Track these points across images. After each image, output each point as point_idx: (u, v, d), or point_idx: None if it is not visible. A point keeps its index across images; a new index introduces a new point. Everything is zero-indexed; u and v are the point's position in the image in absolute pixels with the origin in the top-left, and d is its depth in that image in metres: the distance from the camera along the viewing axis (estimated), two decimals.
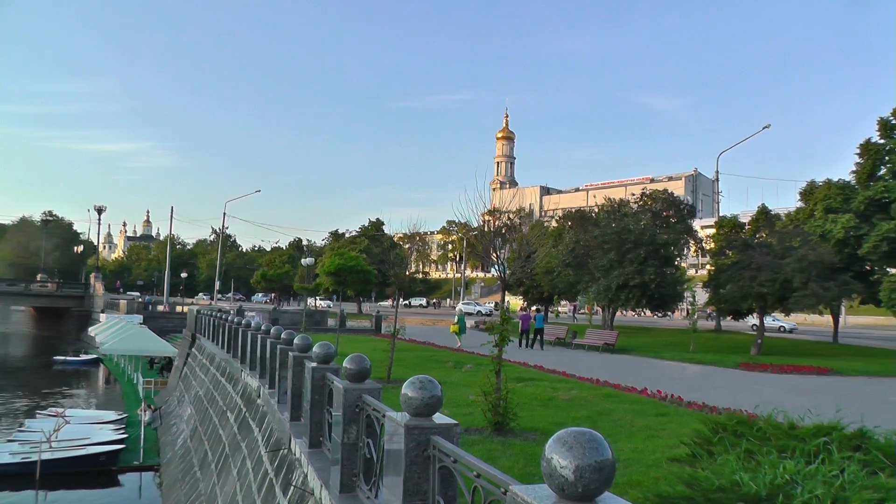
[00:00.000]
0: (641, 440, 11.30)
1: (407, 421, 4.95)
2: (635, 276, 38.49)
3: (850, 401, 17.15)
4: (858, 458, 6.53)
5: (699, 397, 16.80)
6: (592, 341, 36.05)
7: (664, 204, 46.32)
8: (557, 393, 16.77)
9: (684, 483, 5.99)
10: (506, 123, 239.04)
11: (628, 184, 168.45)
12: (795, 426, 7.69)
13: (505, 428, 11.44)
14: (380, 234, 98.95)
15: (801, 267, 32.95)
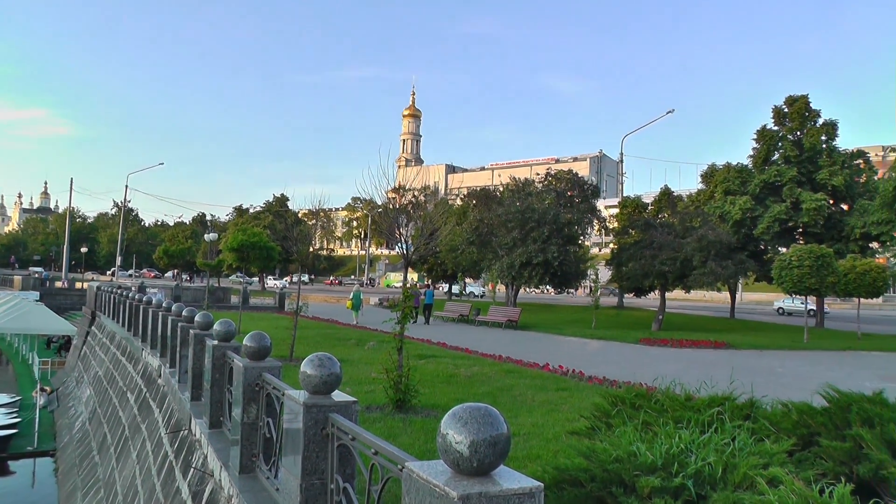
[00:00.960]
0: (542, 414, 11.46)
1: (306, 399, 4.89)
2: (538, 254, 38.97)
3: (743, 373, 17.81)
4: (748, 427, 6.76)
5: (600, 372, 17.17)
6: (496, 318, 36.40)
7: (568, 184, 47.01)
8: (459, 370, 16.88)
9: (582, 455, 6.09)
10: (412, 101, 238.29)
11: (534, 164, 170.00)
12: (691, 398, 7.90)
13: (406, 405, 11.46)
14: (284, 210, 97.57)
15: (701, 246, 34.14)
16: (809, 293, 31.64)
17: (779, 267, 31.56)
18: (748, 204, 43.78)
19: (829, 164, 43.92)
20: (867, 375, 20.22)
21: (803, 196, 42.75)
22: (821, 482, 5.18)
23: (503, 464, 2.85)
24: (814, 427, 6.91)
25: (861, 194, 44.45)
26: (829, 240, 42.44)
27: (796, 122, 45.36)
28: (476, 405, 2.87)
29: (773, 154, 46.45)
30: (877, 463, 6.08)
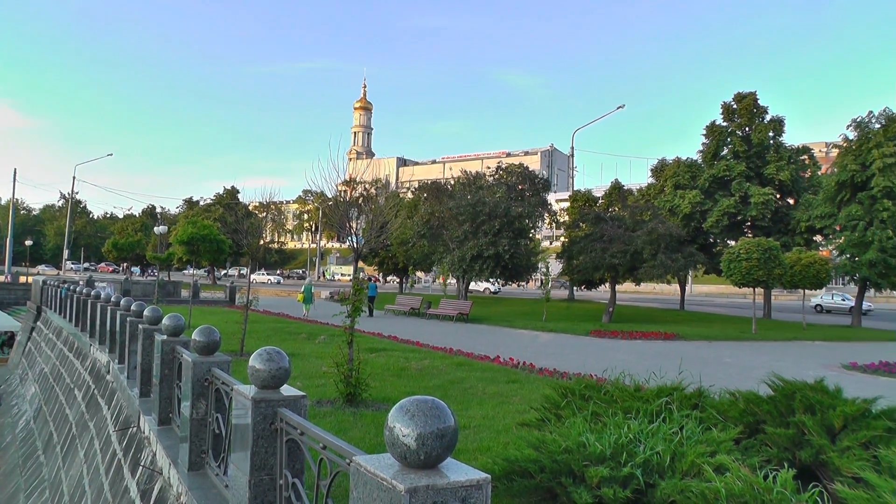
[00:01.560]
0: (492, 407, 11.50)
1: (254, 394, 4.83)
2: (489, 248, 39.04)
3: (692, 363, 18.01)
4: (696, 416, 6.85)
5: (550, 364, 17.31)
6: (446, 311, 36.42)
7: (519, 177, 47.16)
8: (410, 363, 16.87)
9: (532, 446, 6.12)
10: (364, 93, 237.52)
11: (485, 157, 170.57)
12: (641, 388, 7.98)
13: (357, 399, 11.41)
14: (235, 203, 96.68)
15: (651, 239, 34.55)
16: (757, 285, 32.17)
17: (728, 259, 32.08)
18: (698, 198, 44.53)
19: (777, 160, 44.84)
20: (811, 364, 20.71)
21: (752, 190, 43.57)
22: (765, 468, 5.26)
23: (451, 456, 2.84)
24: (760, 415, 7.02)
25: (806, 189, 45.54)
26: (776, 233, 43.39)
27: (745, 118, 46.18)
28: (423, 398, 2.86)
29: (722, 149, 47.27)
30: (817, 448, 6.23)
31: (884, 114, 35.61)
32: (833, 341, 29.49)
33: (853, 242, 35.91)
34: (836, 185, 36.91)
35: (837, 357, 22.93)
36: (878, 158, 33.87)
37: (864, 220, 35.17)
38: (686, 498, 4.95)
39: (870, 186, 34.68)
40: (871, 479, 4.98)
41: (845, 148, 36.73)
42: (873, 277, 36.04)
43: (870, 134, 35.20)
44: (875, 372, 19.58)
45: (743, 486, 4.78)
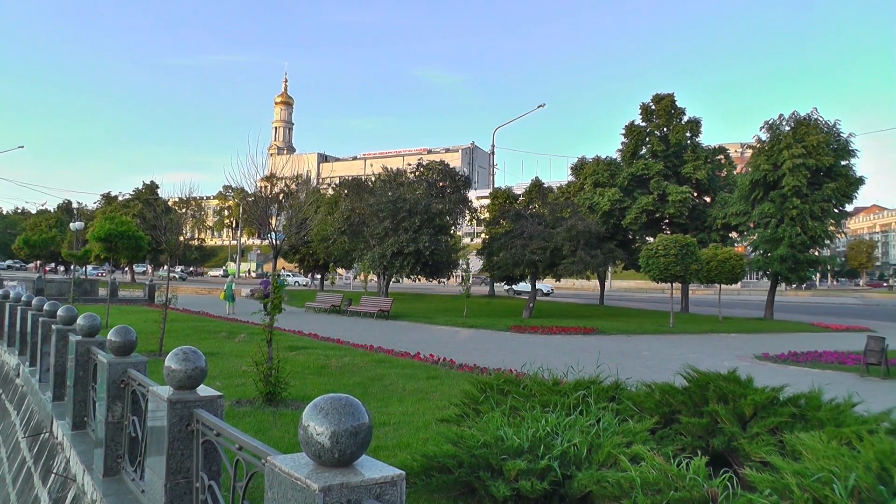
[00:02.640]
0: (412, 403, 11.45)
1: (170, 395, 4.72)
2: (410, 244, 39.03)
3: (611, 357, 18.37)
4: (613, 408, 6.97)
5: (470, 359, 17.34)
6: (367, 308, 36.26)
7: (440, 175, 47.25)
8: (330, 360, 16.69)
9: (450, 442, 6.12)
10: (285, 88, 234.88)
11: (406, 154, 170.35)
12: (559, 382, 8.06)
13: (276, 398, 11.25)
14: (154, 198, 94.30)
15: (571, 236, 34.99)
16: (674, 280, 32.84)
17: (646, 256, 32.69)
18: (617, 195, 45.31)
19: (694, 159, 45.95)
20: (726, 355, 21.27)
21: (669, 189, 44.53)
22: (680, 456, 5.36)
23: (367, 453, 2.82)
24: (675, 405, 7.17)
25: (722, 187, 46.82)
26: (693, 230, 44.52)
27: (663, 118, 47.17)
28: (337, 396, 2.82)
29: (640, 148, 48.20)
30: (729, 435, 6.42)
31: (793, 117, 36.75)
32: (747, 333, 30.35)
33: (766, 239, 37.08)
34: (749, 184, 38.02)
35: (751, 348, 23.59)
36: (789, 159, 35.00)
37: (775, 217, 36.30)
38: (602, 488, 5.01)
39: (781, 186, 35.81)
40: (776, 462, 5.14)
41: (758, 149, 37.80)
42: (784, 272, 37.26)
43: (781, 136, 36.32)
44: (784, 361, 20.30)
45: (657, 474, 4.86)
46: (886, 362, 17.65)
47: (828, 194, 35.78)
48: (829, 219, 37.31)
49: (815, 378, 13.55)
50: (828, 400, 7.21)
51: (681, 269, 31.45)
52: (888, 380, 17.19)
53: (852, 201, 38.62)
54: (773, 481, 4.83)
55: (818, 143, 34.94)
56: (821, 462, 4.98)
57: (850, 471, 4.73)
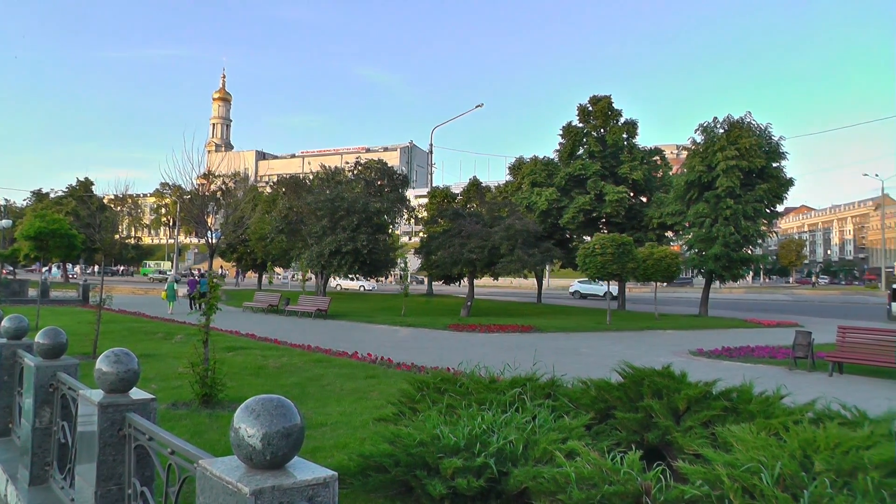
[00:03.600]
0: (350, 403, 11.40)
1: (101, 399, 4.58)
2: (348, 243, 38.79)
3: (548, 354, 18.51)
4: (549, 405, 7.02)
5: (409, 358, 17.31)
6: (305, 308, 35.98)
7: (378, 173, 47.12)
8: (268, 361, 16.54)
9: (387, 441, 6.11)
10: (223, 84, 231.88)
11: (344, 152, 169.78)
12: (496, 380, 8.10)
13: (213, 400, 11.09)
14: (88, 196, 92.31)
15: (508, 235, 35.19)
16: (612, 278, 33.22)
17: (583, 254, 33.00)
18: (554, 195, 45.69)
19: (630, 160, 46.57)
20: (662, 351, 21.58)
21: (606, 189, 45.04)
22: (614, 451, 5.43)
23: (299, 455, 2.79)
24: (610, 401, 7.26)
25: (658, 188, 47.55)
26: (630, 229, 45.14)
27: (600, 119, 47.64)
28: (268, 396, 2.79)
29: (578, 149, 48.67)
30: (663, 429, 6.53)
31: (727, 120, 37.46)
32: (683, 330, 30.85)
33: (700, 238, 37.75)
34: (685, 184, 38.69)
35: (686, 344, 23.99)
36: (722, 161, 35.69)
37: (710, 217, 36.97)
38: (538, 484, 5.04)
39: (715, 186, 36.49)
40: (708, 454, 5.25)
41: (693, 151, 38.46)
42: (718, 270, 37.98)
43: (715, 138, 37.01)
44: (718, 357, 20.73)
45: (592, 468, 4.91)
46: (813, 356, 18.36)
47: (760, 195, 36.61)
48: (760, 219, 38.14)
49: (746, 372, 13.85)
50: (758, 393, 7.41)
51: (617, 267, 31.83)
52: (814, 372, 17.79)
53: (783, 202, 39.64)
54: (704, 473, 4.94)
55: (750, 145, 35.71)
56: (750, 453, 5.12)
57: (776, 460, 4.90)
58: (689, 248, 40.30)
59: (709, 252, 37.31)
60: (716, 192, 36.49)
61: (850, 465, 4.91)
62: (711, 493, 4.75)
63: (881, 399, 11.49)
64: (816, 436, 5.36)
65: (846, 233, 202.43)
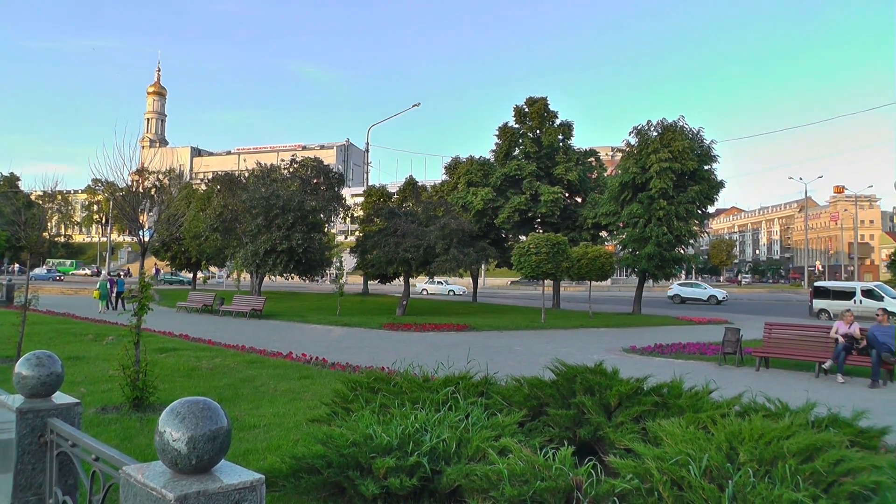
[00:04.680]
0: (283, 404, 11.30)
1: (20, 404, 4.40)
2: (283, 242, 38.37)
3: (483, 353, 18.60)
4: (482, 403, 7.06)
5: (343, 358, 17.25)
6: (240, 307, 35.54)
7: (314, 171, 46.67)
8: (201, 362, 16.28)
9: (320, 442, 6.06)
10: (158, 78, 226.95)
11: (280, 150, 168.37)
12: (429, 379, 8.11)
13: (144, 403, 10.85)
14: (14, 192, 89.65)
15: (444, 234, 35.25)
16: (546, 277, 33.44)
17: (518, 254, 33.20)
18: (490, 195, 45.95)
19: (565, 161, 47.07)
20: (595, 349, 21.85)
21: (542, 189, 45.45)
22: (547, 448, 5.48)
23: (225, 458, 2.74)
24: (543, 398, 7.32)
25: (593, 188, 48.23)
26: (565, 229, 45.64)
27: (536, 121, 48.02)
28: (194, 399, 2.74)
29: (514, 149, 49.04)
30: (595, 425, 6.65)
31: (661, 123, 38.13)
32: (616, 328, 31.27)
33: (634, 238, 38.35)
34: (619, 185, 39.25)
35: (619, 342, 24.33)
36: (656, 163, 36.30)
37: (643, 217, 37.58)
38: (471, 481, 5.06)
39: (648, 188, 37.07)
40: (638, 448, 5.36)
41: (627, 152, 39.07)
42: (651, 269, 38.63)
43: (649, 141, 37.61)
44: (651, 353, 21.09)
45: (524, 465, 4.94)
46: (741, 351, 18.97)
47: (692, 196, 37.35)
48: (692, 219, 38.91)
49: (677, 368, 14.12)
50: (688, 388, 7.62)
51: (552, 266, 32.09)
52: (742, 367, 18.31)
53: (714, 203, 40.54)
54: (634, 466, 5.03)
55: (683, 148, 36.43)
56: (679, 446, 5.24)
57: (704, 452, 5.04)
58: (622, 247, 40.90)
59: (642, 252, 37.91)
60: (649, 194, 37.08)
61: (771, 455, 5.12)
62: (641, 487, 4.84)
63: (801, 391, 11.81)
64: (742, 428, 5.54)
65: (773, 233, 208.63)
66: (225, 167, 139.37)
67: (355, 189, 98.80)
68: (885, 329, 16.32)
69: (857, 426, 6.78)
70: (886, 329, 16.33)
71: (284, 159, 47.00)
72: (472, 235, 38.90)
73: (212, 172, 72.21)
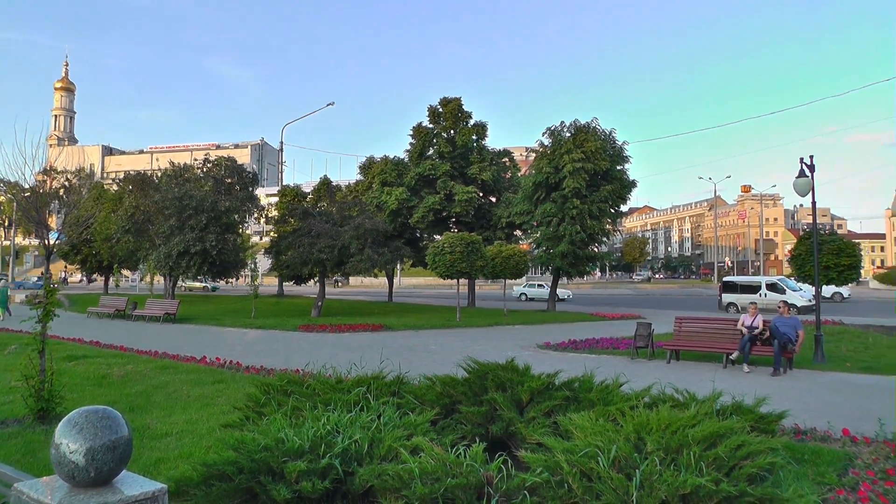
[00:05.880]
0: (197, 410, 11.10)
1: None
2: (196, 243, 37.61)
3: (398, 352, 18.61)
4: (394, 402, 7.08)
5: (258, 361, 17.07)
6: (153, 312, 34.80)
7: (228, 171, 45.88)
8: (112, 369, 15.85)
9: (231, 448, 5.97)
10: (65, 73, 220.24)
11: (194, 149, 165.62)
12: (342, 380, 8.06)
13: (50, 414, 10.46)
14: None
15: (358, 234, 35.15)
16: (461, 276, 33.62)
17: (433, 253, 33.30)
18: (404, 195, 45.98)
19: (480, 161, 47.46)
20: (510, 346, 22.11)
21: (456, 189, 45.70)
22: (459, 445, 5.53)
23: (126, 468, 2.68)
24: (455, 396, 7.39)
25: (507, 188, 48.74)
26: (480, 228, 46.05)
27: (450, 121, 48.20)
28: (94, 408, 2.67)
29: (428, 149, 49.14)
30: (507, 421, 6.75)
31: (574, 125, 38.74)
32: (531, 324, 31.68)
33: (548, 236, 38.90)
34: (533, 185, 39.73)
35: (533, 339, 24.65)
36: (569, 163, 36.86)
37: (556, 216, 38.14)
38: (383, 481, 5.07)
39: (562, 187, 37.63)
40: (549, 442, 5.47)
41: (541, 153, 39.57)
42: (565, 267, 39.26)
43: (562, 142, 38.18)
44: (564, 349, 21.48)
45: (435, 463, 4.97)
46: (653, 345, 19.42)
47: (604, 196, 38.06)
48: (605, 218, 39.68)
49: (590, 363, 14.40)
50: (599, 382, 7.77)
51: (466, 265, 32.28)
52: (654, 360, 18.76)
53: (626, 202, 41.38)
54: (545, 460, 5.13)
55: (596, 149, 37.10)
56: (589, 438, 5.36)
57: (612, 443, 5.19)
58: (536, 246, 41.42)
59: (556, 250, 38.47)
60: (563, 193, 37.63)
61: (677, 443, 5.30)
62: (551, 479, 4.93)
63: (709, 381, 12.16)
64: (649, 419, 5.71)
65: (685, 231, 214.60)
66: (137, 166, 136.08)
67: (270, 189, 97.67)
68: (787, 320, 17.10)
69: (758, 412, 7.15)
70: (788, 320, 17.12)
71: (198, 158, 45.98)
72: (387, 235, 38.93)
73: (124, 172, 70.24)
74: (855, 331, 26.46)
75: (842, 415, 11.03)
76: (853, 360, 18.33)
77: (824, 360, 17.89)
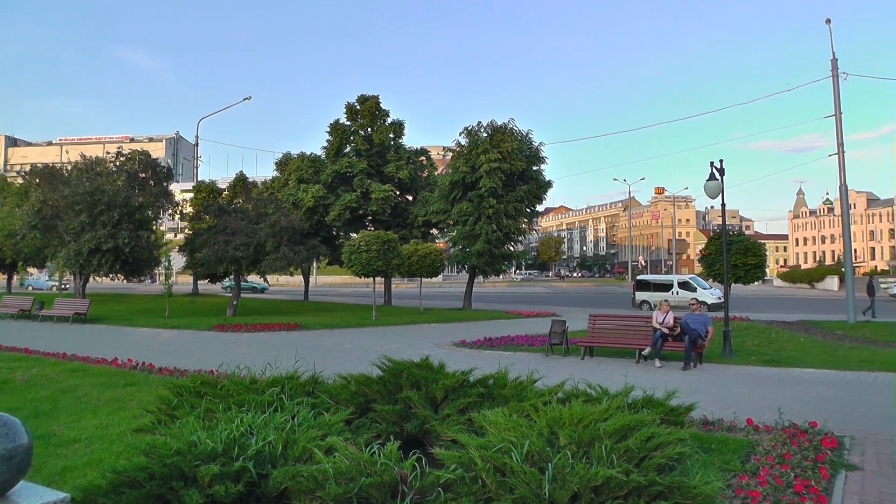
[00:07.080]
0: (107, 414, 10.80)
1: None
2: (108, 240, 36.60)
3: (313, 351, 18.52)
4: (309, 402, 7.04)
5: (171, 362, 16.72)
6: (62, 311, 33.75)
7: (142, 165, 44.78)
8: (15, 373, 15.25)
9: (143, 453, 5.84)
10: None
11: (107, 141, 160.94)
12: (256, 380, 7.97)
13: None
14: None
15: (274, 232, 34.87)
16: (377, 275, 33.56)
17: (349, 251, 33.18)
18: (321, 192, 45.69)
19: (397, 159, 47.46)
20: (426, 344, 22.21)
21: (373, 187, 45.64)
22: (373, 444, 5.55)
23: (25, 479, 2.57)
24: (370, 395, 7.41)
25: (423, 187, 48.97)
26: (396, 226, 46.11)
27: (367, 119, 48.07)
28: None
29: (345, 147, 48.88)
30: (422, 419, 6.83)
31: (491, 125, 39.11)
32: (447, 323, 31.89)
33: (464, 235, 39.21)
34: (449, 184, 39.99)
35: (449, 336, 24.83)
36: (486, 163, 37.23)
37: (473, 215, 38.48)
38: (297, 483, 5.04)
39: (478, 187, 37.98)
40: (463, 439, 5.55)
41: (458, 152, 39.87)
42: (481, 266, 39.62)
43: (479, 142, 38.52)
44: (480, 347, 21.70)
45: (350, 463, 4.98)
46: (567, 342, 19.73)
47: (521, 195, 38.55)
48: (521, 217, 40.17)
49: (505, 360, 14.50)
50: (513, 378, 7.92)
51: (382, 263, 32.26)
52: (568, 357, 19.09)
53: (542, 202, 42.08)
54: (459, 457, 5.19)
55: (512, 149, 37.56)
56: (502, 434, 5.45)
57: (525, 439, 5.30)
58: (453, 244, 41.71)
59: (472, 248, 38.79)
60: (479, 192, 37.96)
61: (589, 437, 5.45)
62: (465, 475, 5.00)
63: (621, 376, 12.45)
64: (562, 413, 5.85)
65: (600, 231, 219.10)
66: (45, 159, 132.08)
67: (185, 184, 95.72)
68: (697, 317, 17.68)
69: (668, 405, 7.40)
70: (698, 317, 17.69)
71: (110, 152, 44.61)
72: (303, 233, 38.68)
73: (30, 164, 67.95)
74: (760, 326, 27.52)
75: (747, 405, 11.48)
76: (758, 353, 19.21)
77: (732, 354, 18.63)
